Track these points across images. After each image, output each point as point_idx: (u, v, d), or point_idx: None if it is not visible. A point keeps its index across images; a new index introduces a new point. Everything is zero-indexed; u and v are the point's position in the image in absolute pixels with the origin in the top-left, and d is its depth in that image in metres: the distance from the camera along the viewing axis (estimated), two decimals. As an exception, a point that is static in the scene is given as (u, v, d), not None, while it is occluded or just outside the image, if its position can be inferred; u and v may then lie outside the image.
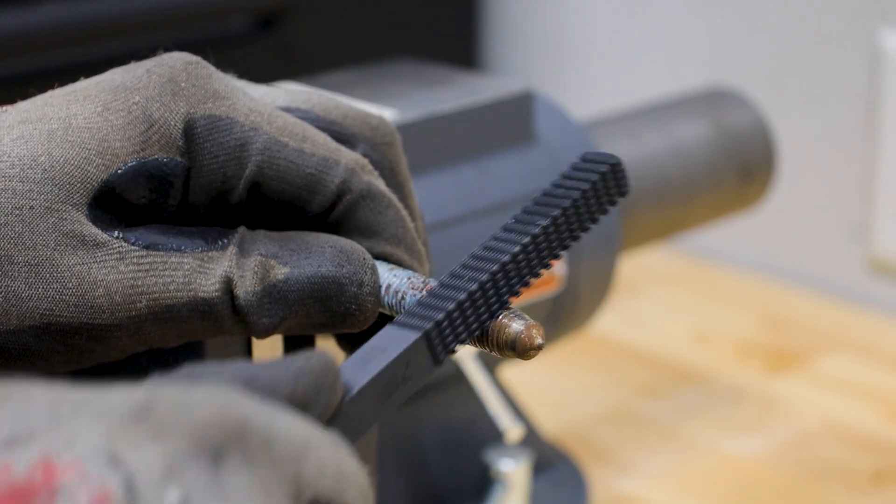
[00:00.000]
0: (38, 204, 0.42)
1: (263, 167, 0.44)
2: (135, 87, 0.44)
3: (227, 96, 0.45)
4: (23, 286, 0.42)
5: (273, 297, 0.43)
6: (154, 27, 1.04)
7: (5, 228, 0.42)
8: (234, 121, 0.44)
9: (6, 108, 0.45)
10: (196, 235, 0.43)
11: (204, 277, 0.43)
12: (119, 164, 0.43)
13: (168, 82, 0.44)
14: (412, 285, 0.44)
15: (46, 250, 0.42)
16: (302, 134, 0.45)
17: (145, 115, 0.44)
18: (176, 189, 0.44)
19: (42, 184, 0.42)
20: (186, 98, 0.44)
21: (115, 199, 0.43)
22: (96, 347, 0.43)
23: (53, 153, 0.43)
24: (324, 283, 0.43)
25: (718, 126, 0.82)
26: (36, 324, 0.42)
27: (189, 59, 0.45)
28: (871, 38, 1.02)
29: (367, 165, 0.46)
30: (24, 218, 0.42)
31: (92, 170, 0.43)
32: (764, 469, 0.82)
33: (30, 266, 0.42)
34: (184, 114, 0.44)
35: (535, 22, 1.24)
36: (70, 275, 0.42)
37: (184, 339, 0.44)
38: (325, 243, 0.44)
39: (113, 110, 0.44)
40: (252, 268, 0.43)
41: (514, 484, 0.70)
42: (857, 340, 0.98)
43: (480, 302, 0.41)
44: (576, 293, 0.71)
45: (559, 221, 0.42)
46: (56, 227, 0.42)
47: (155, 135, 0.44)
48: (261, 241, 0.44)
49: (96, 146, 0.43)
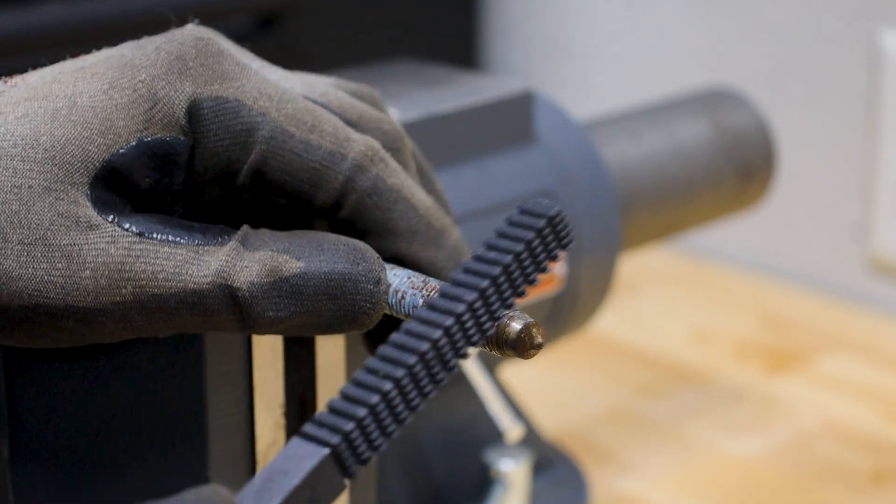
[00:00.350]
0: (36, 183, 0.42)
1: (267, 156, 0.44)
2: (142, 64, 0.44)
3: (236, 77, 0.44)
4: (14, 265, 0.42)
5: (284, 291, 0.42)
6: (154, 27, 1.04)
7: (3, 206, 0.42)
8: (241, 104, 0.44)
9: (16, 82, 0.45)
10: (196, 230, 0.43)
11: (196, 268, 0.42)
12: (121, 144, 0.43)
13: (176, 60, 0.44)
14: (412, 284, 0.44)
15: (40, 230, 0.42)
16: (311, 123, 0.44)
17: (150, 94, 0.43)
18: (180, 168, 0.44)
19: (42, 163, 0.42)
20: (193, 78, 0.44)
21: (121, 180, 0.43)
22: (84, 330, 0.43)
23: (55, 133, 0.43)
24: (340, 280, 0.43)
25: (718, 126, 0.82)
26: (24, 304, 0.42)
27: (201, 35, 0.45)
28: (871, 38, 1.02)
29: (377, 154, 0.45)
30: (22, 197, 0.42)
31: (93, 149, 0.43)
32: (764, 469, 0.82)
33: (23, 245, 0.42)
34: (189, 94, 0.43)
35: (535, 22, 1.24)
36: (60, 255, 0.42)
37: (174, 331, 0.43)
38: (338, 241, 0.43)
39: (118, 88, 0.43)
40: (259, 260, 0.42)
41: (514, 484, 0.70)
42: (857, 340, 0.98)
43: (408, 389, 0.37)
44: (576, 293, 0.71)
45: (488, 293, 0.39)
46: (52, 207, 0.42)
47: (158, 114, 0.43)
48: (269, 238, 0.43)
49: (99, 125, 0.43)
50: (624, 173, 0.76)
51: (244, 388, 0.47)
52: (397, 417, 0.37)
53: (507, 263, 0.39)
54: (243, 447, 0.47)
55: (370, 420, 0.36)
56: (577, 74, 1.22)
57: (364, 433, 0.36)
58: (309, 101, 0.45)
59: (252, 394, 0.47)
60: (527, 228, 0.39)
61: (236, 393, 0.47)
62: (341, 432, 0.36)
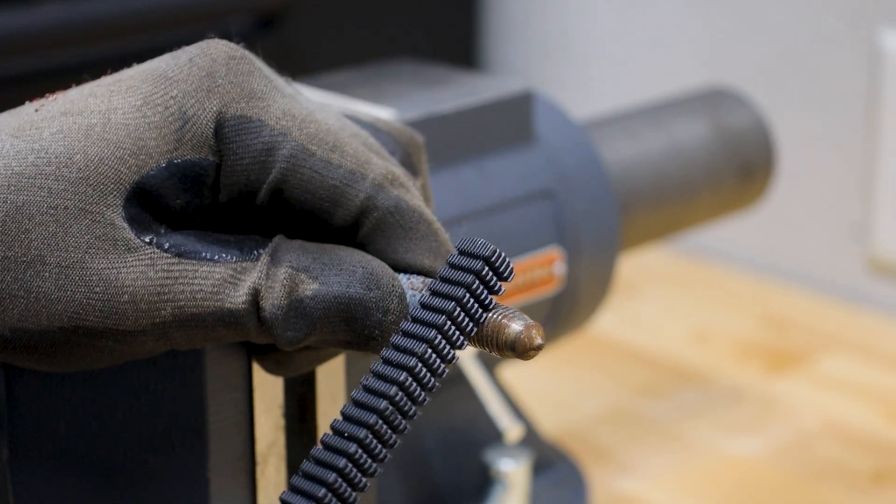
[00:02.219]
0: (72, 204, 0.42)
1: (287, 175, 0.44)
2: (175, 77, 0.44)
3: (263, 97, 0.44)
4: (53, 288, 0.42)
5: (299, 311, 0.43)
6: (154, 27, 1.04)
7: (40, 228, 0.42)
8: (264, 123, 0.44)
9: (56, 97, 0.45)
10: (232, 245, 0.43)
11: (233, 289, 0.42)
12: (152, 165, 0.43)
13: (207, 76, 0.44)
14: (412, 285, 0.44)
15: (78, 252, 0.42)
16: (333, 143, 0.44)
17: (181, 112, 0.43)
18: (208, 187, 0.44)
19: (77, 184, 0.42)
20: (220, 95, 0.44)
21: (153, 201, 0.43)
22: (123, 349, 0.43)
23: (89, 152, 0.43)
24: (350, 304, 0.43)
25: (718, 126, 0.82)
26: (64, 325, 0.42)
27: (233, 52, 0.45)
28: (871, 38, 1.02)
29: (398, 178, 0.45)
30: (59, 218, 0.42)
31: (125, 170, 0.43)
32: (764, 469, 0.82)
33: (60, 268, 0.42)
34: (216, 111, 0.44)
35: (535, 22, 1.24)
36: (98, 279, 0.42)
37: (210, 343, 0.44)
38: (358, 263, 0.43)
39: (151, 105, 0.43)
40: (281, 280, 0.42)
41: (513, 484, 0.70)
42: (857, 340, 0.98)
43: (362, 461, 0.40)
44: (575, 293, 0.71)
45: (437, 343, 0.41)
46: (89, 230, 0.42)
47: (188, 133, 0.43)
48: (294, 252, 0.43)
49: (131, 145, 0.43)
50: (623, 173, 0.76)
51: (244, 389, 0.47)
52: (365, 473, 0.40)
53: (450, 311, 0.41)
54: (243, 448, 0.47)
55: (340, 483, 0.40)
56: (576, 74, 1.22)
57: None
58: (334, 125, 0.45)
59: (252, 394, 0.47)
60: (467, 272, 0.42)
61: (236, 394, 0.47)
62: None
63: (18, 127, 0.43)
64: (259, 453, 0.48)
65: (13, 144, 0.43)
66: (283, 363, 0.46)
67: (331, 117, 0.46)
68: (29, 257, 0.42)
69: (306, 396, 0.49)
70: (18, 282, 0.42)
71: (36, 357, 0.43)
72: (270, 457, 0.48)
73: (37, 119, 0.44)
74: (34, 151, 0.43)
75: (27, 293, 0.42)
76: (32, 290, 0.42)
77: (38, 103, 0.45)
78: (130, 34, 1.03)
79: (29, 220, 0.42)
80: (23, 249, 0.42)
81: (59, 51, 1.00)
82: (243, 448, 0.47)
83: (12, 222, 0.42)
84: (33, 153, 0.43)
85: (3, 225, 0.42)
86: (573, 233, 0.70)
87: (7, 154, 0.43)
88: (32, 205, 0.42)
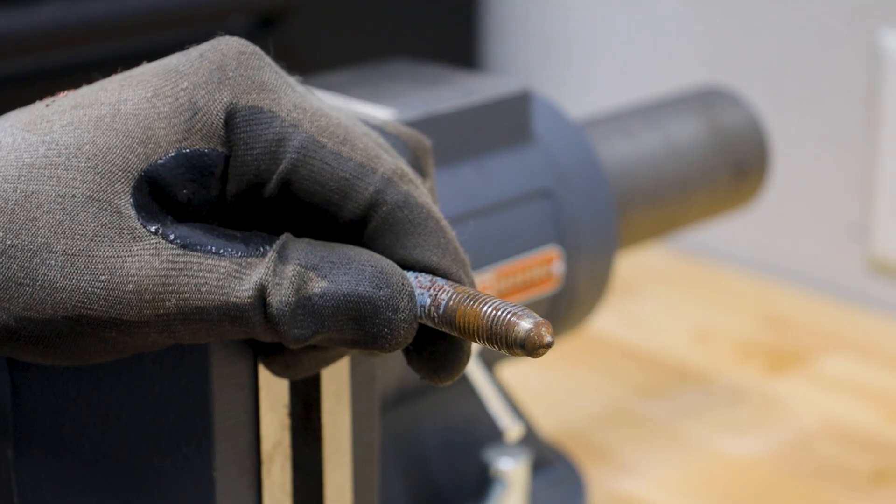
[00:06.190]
0: (80, 192, 0.42)
1: (297, 166, 0.44)
2: (186, 71, 0.44)
3: (274, 89, 0.44)
4: (58, 276, 0.42)
5: (307, 309, 0.42)
6: (154, 27, 1.04)
7: (47, 216, 0.42)
8: (275, 114, 0.44)
9: (67, 94, 0.45)
10: (238, 240, 0.43)
11: (238, 283, 0.42)
12: (161, 154, 0.43)
13: (217, 69, 0.44)
14: (419, 284, 0.44)
15: (84, 240, 0.42)
16: (343, 136, 0.44)
17: (191, 103, 0.44)
18: (216, 178, 0.44)
19: (85, 172, 0.42)
20: (231, 87, 0.44)
21: (160, 191, 0.43)
22: (127, 340, 0.43)
23: (98, 141, 0.43)
24: (359, 303, 0.43)
25: (712, 125, 0.82)
26: (69, 315, 0.42)
27: (244, 48, 0.45)
28: (871, 38, 1.02)
29: (407, 174, 0.45)
30: (66, 206, 0.42)
31: (133, 158, 0.43)
32: (764, 469, 0.82)
33: (67, 255, 0.42)
34: (227, 103, 0.44)
35: (534, 22, 1.24)
36: (104, 267, 0.42)
37: (215, 338, 0.43)
38: (367, 261, 0.43)
39: (161, 96, 0.44)
40: (289, 277, 0.42)
41: (513, 483, 0.70)
42: (857, 340, 0.98)
43: None
44: (573, 292, 0.71)
45: None
46: (96, 217, 0.42)
47: (198, 124, 0.43)
48: (302, 250, 0.43)
49: (140, 134, 0.43)
50: (620, 172, 0.76)
51: (249, 389, 0.47)
52: None
53: None
54: (249, 448, 0.47)
55: None
56: (576, 74, 1.22)
57: None
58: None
59: (257, 394, 0.47)
60: None
61: (241, 393, 0.47)
62: None
63: (30, 121, 0.44)
64: (264, 453, 0.48)
65: (24, 138, 0.43)
66: (290, 366, 0.46)
67: (342, 115, 0.46)
68: (35, 245, 0.42)
69: (311, 396, 0.49)
70: (24, 270, 0.42)
71: (40, 348, 0.43)
72: (276, 456, 0.48)
73: (48, 113, 0.44)
74: (45, 143, 0.43)
75: (33, 281, 0.42)
76: (38, 278, 0.42)
77: (50, 100, 0.45)
78: (131, 34, 1.03)
79: (37, 208, 0.42)
80: (30, 237, 0.42)
81: (59, 51, 1.00)
82: (249, 448, 0.47)
83: (21, 210, 0.42)
84: (44, 145, 0.43)
85: (12, 213, 0.42)
86: (571, 232, 0.71)
87: (19, 147, 0.43)
88: (41, 193, 0.42)
